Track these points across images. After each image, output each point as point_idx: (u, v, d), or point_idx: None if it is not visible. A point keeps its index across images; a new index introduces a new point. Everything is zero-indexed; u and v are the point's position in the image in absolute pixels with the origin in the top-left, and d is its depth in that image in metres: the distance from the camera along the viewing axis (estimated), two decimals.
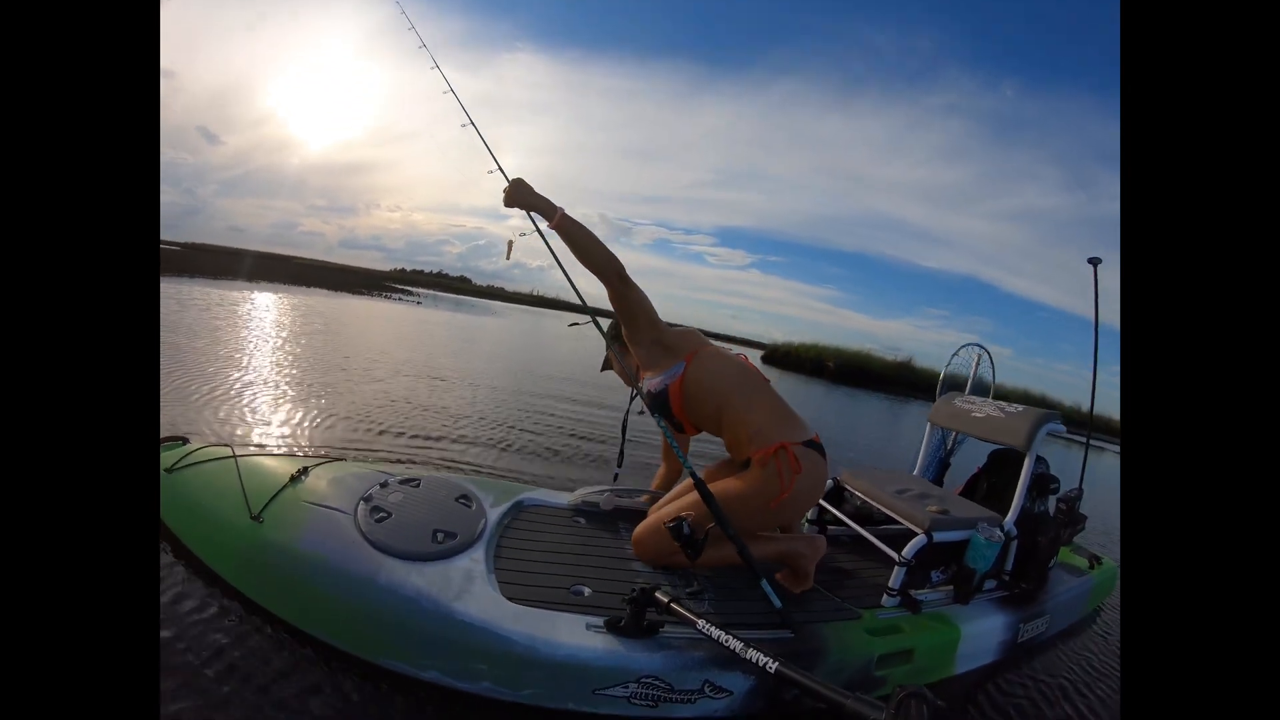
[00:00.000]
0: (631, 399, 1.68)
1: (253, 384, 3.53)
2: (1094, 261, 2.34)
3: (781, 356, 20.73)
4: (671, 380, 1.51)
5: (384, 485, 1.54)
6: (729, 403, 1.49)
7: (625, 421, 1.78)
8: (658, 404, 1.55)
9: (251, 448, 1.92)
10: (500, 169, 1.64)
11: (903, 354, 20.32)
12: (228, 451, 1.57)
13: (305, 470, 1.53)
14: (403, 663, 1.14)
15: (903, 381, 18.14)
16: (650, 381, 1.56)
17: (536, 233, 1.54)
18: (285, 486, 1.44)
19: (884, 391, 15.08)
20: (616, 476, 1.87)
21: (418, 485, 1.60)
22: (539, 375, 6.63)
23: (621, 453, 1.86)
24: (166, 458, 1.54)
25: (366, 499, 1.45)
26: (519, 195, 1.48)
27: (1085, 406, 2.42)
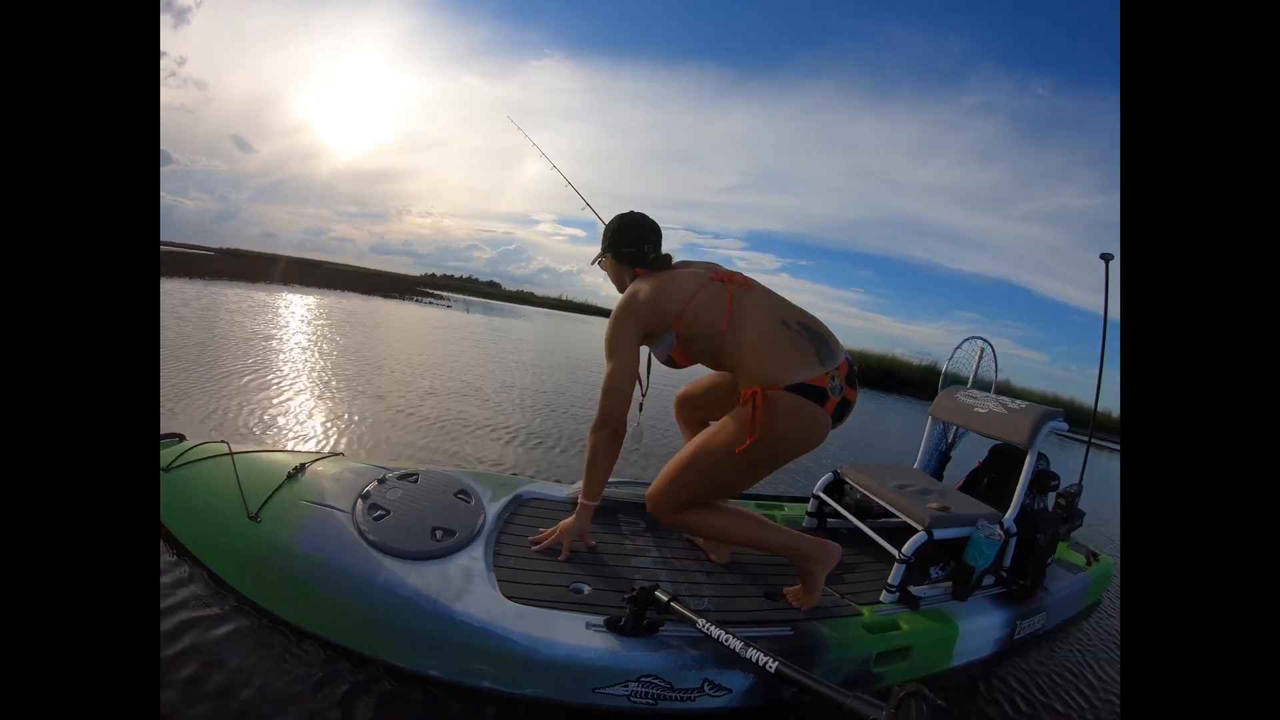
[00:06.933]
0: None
1: (259, 379, 3.52)
2: (1105, 257, 2.32)
3: None
4: (670, 349, 1.48)
5: (381, 481, 1.53)
6: (722, 346, 1.41)
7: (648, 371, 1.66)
8: (673, 365, 1.55)
9: (248, 444, 1.91)
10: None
11: (930, 358, 20.17)
12: (224, 448, 1.56)
13: (302, 467, 1.52)
14: (402, 662, 1.14)
15: (929, 385, 17.77)
16: (656, 352, 1.55)
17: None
18: (283, 484, 1.43)
19: (910, 395, 14.95)
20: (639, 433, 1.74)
21: (415, 480, 1.59)
22: (544, 368, 6.62)
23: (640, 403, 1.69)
24: (163, 455, 1.53)
25: (364, 496, 1.44)
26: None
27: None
